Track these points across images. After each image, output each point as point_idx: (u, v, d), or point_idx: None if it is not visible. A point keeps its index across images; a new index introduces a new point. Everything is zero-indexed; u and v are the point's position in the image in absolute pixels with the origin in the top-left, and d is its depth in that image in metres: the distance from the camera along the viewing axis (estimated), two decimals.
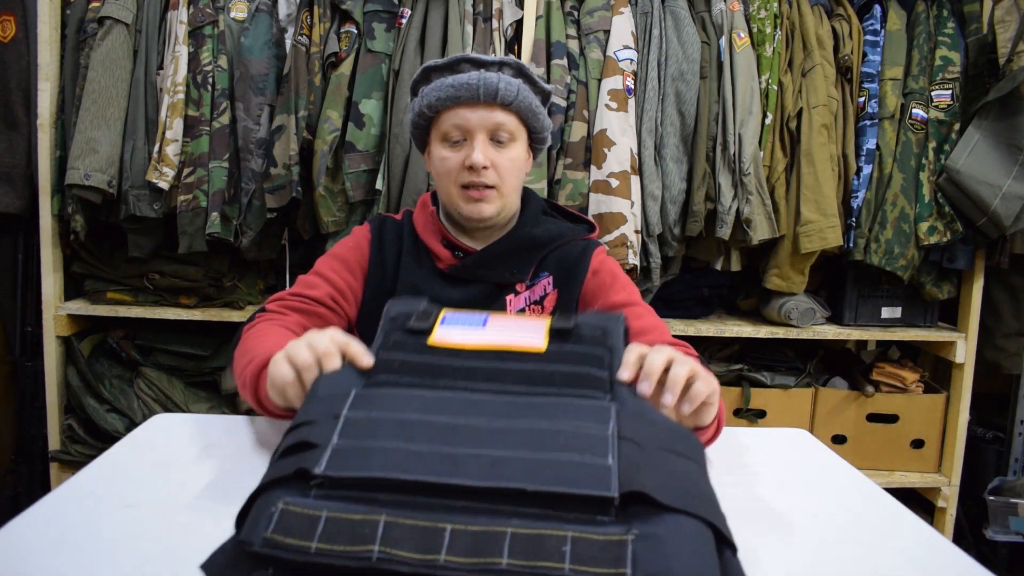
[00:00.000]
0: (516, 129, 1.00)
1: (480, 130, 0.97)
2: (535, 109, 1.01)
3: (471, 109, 0.97)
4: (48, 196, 1.69)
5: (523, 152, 1.02)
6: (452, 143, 0.99)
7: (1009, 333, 1.87)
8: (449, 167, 0.99)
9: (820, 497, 0.74)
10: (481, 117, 0.97)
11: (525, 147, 1.03)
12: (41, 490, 1.79)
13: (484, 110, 0.96)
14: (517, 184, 1.03)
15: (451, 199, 1.01)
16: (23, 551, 0.57)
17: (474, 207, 0.99)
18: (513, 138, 1.00)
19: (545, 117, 1.04)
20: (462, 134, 0.98)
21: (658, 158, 1.70)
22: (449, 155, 0.99)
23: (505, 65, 0.98)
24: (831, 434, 1.85)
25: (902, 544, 0.63)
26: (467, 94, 0.96)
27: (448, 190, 1.00)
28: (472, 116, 0.97)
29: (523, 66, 1.00)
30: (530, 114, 1.00)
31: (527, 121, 1.01)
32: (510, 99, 0.97)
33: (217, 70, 1.65)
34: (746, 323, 1.86)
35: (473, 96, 0.96)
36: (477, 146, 0.96)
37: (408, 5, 1.68)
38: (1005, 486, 1.84)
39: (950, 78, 1.73)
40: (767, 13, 1.72)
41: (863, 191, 1.74)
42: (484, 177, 0.97)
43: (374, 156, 1.64)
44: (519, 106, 0.98)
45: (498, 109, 0.97)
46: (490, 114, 0.97)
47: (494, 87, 0.95)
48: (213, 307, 1.77)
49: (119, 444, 0.82)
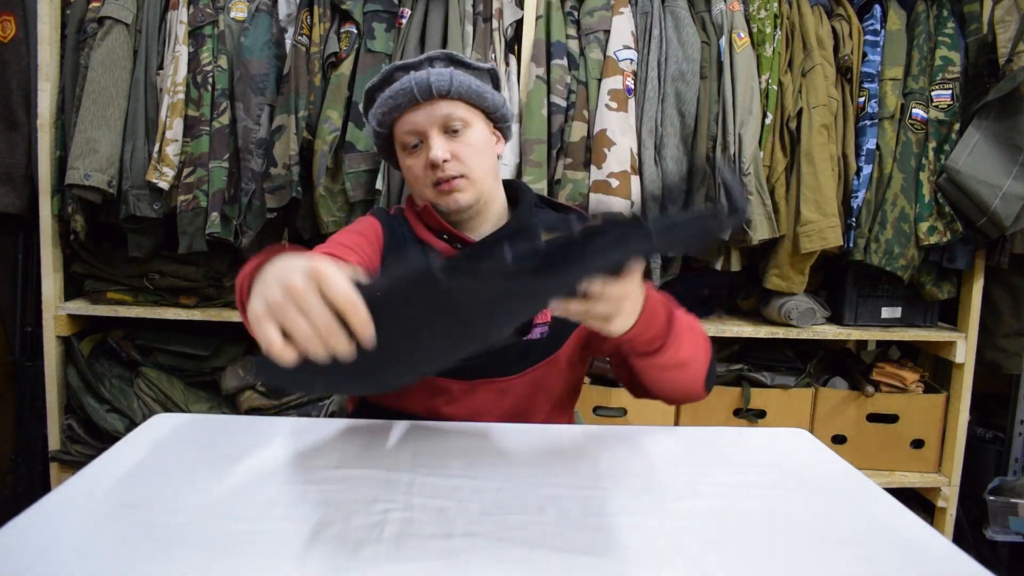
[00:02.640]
0: (467, 115, 1.00)
1: (430, 127, 0.98)
2: (477, 89, 1.00)
3: (415, 111, 0.98)
4: (48, 196, 1.69)
5: (484, 134, 1.02)
6: (412, 149, 1.00)
7: (1009, 333, 1.87)
8: (416, 173, 1.00)
9: (820, 497, 0.74)
10: (427, 114, 0.98)
11: (485, 129, 1.03)
12: (41, 490, 1.78)
13: (426, 107, 0.97)
14: (488, 167, 1.02)
15: (429, 201, 1.02)
16: (23, 551, 0.57)
17: (449, 199, 0.99)
18: (467, 124, 1.00)
19: (494, 95, 1.04)
20: (417, 137, 0.99)
21: (658, 158, 1.70)
22: (412, 162, 1.00)
23: (433, 59, 1.00)
24: (831, 434, 1.85)
25: (902, 544, 0.63)
26: (405, 98, 0.97)
27: (424, 194, 1.02)
28: (417, 117, 0.98)
29: (452, 54, 1.01)
30: (474, 96, 1.00)
31: (474, 103, 1.01)
32: (445, 88, 0.97)
33: (217, 70, 1.65)
34: (746, 323, 1.86)
35: (410, 98, 0.97)
36: (433, 143, 0.97)
37: (408, 5, 1.68)
38: (1005, 486, 1.84)
39: (950, 78, 1.73)
40: (767, 13, 1.72)
41: (863, 191, 1.74)
42: (448, 170, 0.97)
43: (374, 156, 1.64)
44: (458, 91, 0.98)
45: (439, 101, 0.98)
46: (433, 108, 0.97)
47: (425, 82, 0.96)
48: (213, 307, 1.77)
49: (119, 444, 0.82)
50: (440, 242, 1.04)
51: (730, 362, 1.87)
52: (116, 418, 1.73)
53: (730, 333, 1.80)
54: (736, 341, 1.92)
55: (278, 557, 0.57)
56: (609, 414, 1.81)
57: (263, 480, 0.72)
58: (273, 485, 0.70)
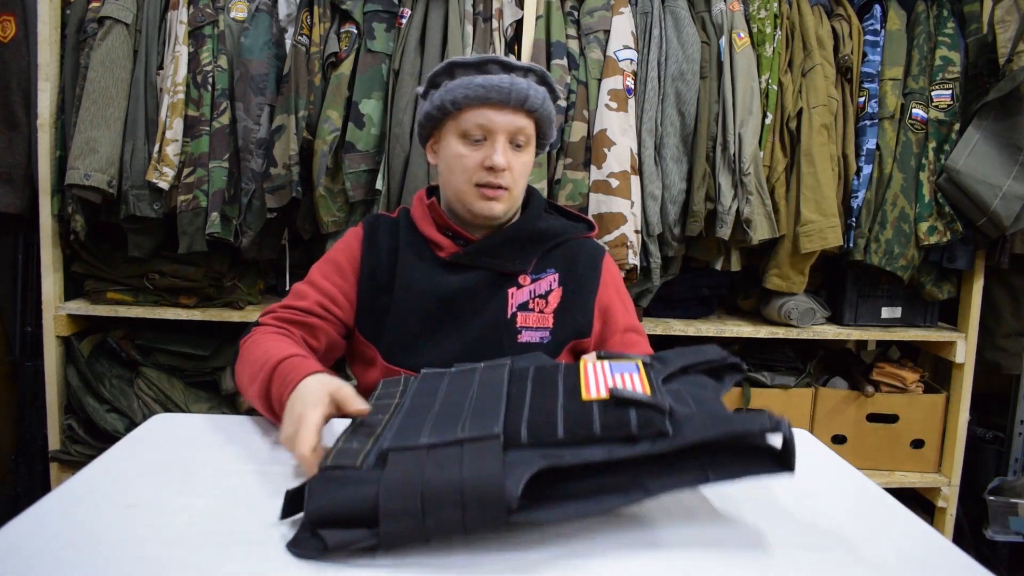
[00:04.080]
0: (532, 135, 1.03)
1: (503, 132, 0.99)
2: (552, 118, 1.05)
3: (498, 111, 0.98)
4: (48, 196, 1.69)
5: (532, 156, 1.05)
6: (472, 141, 1.00)
7: (1009, 333, 1.87)
8: (466, 165, 1.00)
9: (820, 497, 0.74)
10: (507, 120, 0.99)
11: (534, 152, 1.06)
12: (41, 490, 1.78)
13: (510, 114, 0.99)
14: (525, 186, 1.06)
15: (462, 195, 1.02)
16: (23, 551, 0.57)
17: (487, 205, 1.00)
18: (529, 143, 1.03)
19: (554, 128, 1.08)
20: (483, 134, 0.99)
21: (658, 158, 1.70)
22: (468, 152, 1.00)
23: (531, 72, 1.01)
24: (831, 434, 1.85)
25: (902, 544, 0.63)
26: (497, 96, 0.97)
27: (460, 187, 1.02)
28: (498, 118, 0.98)
29: (547, 74, 1.03)
30: (548, 123, 1.04)
31: (543, 128, 1.05)
32: (536, 106, 1.00)
33: (217, 70, 1.65)
34: (746, 323, 1.86)
35: (503, 99, 0.98)
36: (499, 148, 0.98)
37: (408, 5, 1.68)
38: (1005, 486, 1.84)
39: (950, 78, 1.73)
40: (767, 13, 1.72)
41: (863, 191, 1.74)
42: (501, 179, 0.99)
43: (374, 156, 1.64)
44: (541, 114, 1.02)
45: (522, 114, 1.00)
46: (514, 118, 0.99)
47: (524, 93, 0.98)
48: (213, 307, 1.77)
49: (119, 444, 0.82)
50: (443, 238, 1.05)
51: None
52: (116, 418, 1.73)
53: (730, 333, 1.80)
54: (736, 341, 1.92)
55: (279, 557, 0.57)
56: None
57: (263, 480, 0.72)
58: (273, 485, 0.70)
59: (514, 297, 1.04)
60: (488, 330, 1.03)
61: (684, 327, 1.78)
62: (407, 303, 1.04)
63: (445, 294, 1.03)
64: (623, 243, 1.62)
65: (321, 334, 1.03)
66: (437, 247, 1.05)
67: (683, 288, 1.86)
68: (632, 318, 1.11)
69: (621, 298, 1.11)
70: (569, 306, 1.06)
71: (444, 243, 1.05)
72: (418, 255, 1.06)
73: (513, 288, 1.05)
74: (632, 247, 1.63)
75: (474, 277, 1.04)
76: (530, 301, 1.05)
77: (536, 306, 1.05)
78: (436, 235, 1.05)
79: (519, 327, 1.04)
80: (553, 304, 1.05)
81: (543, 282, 1.06)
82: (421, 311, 1.03)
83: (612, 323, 1.08)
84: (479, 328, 1.03)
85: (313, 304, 1.03)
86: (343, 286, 1.06)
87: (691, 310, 1.89)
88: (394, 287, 1.05)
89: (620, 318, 1.08)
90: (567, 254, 1.08)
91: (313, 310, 1.03)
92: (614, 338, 1.07)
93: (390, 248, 1.07)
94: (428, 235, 1.06)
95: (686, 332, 1.77)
